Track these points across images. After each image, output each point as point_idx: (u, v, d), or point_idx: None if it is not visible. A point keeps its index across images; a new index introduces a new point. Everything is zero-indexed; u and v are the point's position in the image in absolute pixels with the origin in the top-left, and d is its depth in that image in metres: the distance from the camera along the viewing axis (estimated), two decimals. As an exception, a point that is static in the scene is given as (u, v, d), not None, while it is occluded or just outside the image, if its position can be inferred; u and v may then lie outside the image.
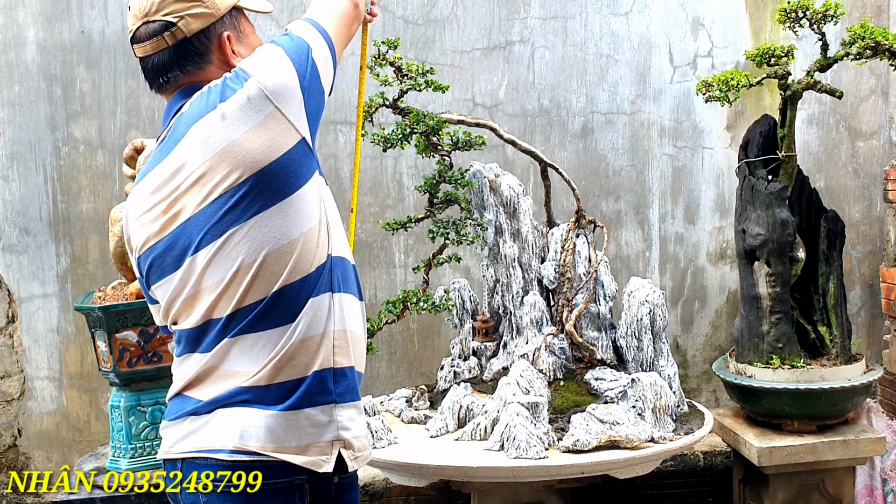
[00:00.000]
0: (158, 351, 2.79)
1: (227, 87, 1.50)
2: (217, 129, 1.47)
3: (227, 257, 1.49)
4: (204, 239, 1.49)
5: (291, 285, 1.52)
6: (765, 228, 3.23)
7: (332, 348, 1.57)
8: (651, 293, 3.16)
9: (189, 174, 1.49)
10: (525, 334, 3.24)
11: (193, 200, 1.49)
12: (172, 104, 1.62)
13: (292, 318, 1.53)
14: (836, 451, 3.17)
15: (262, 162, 1.47)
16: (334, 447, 1.55)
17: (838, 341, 3.28)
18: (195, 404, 1.55)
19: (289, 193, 1.50)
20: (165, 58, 1.59)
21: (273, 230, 1.49)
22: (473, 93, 3.82)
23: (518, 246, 3.29)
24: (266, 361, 1.51)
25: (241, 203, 1.47)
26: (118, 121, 3.70)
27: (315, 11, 1.70)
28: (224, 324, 1.51)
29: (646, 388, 2.98)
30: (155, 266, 1.57)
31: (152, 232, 1.55)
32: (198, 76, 1.61)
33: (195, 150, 1.48)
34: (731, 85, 3.21)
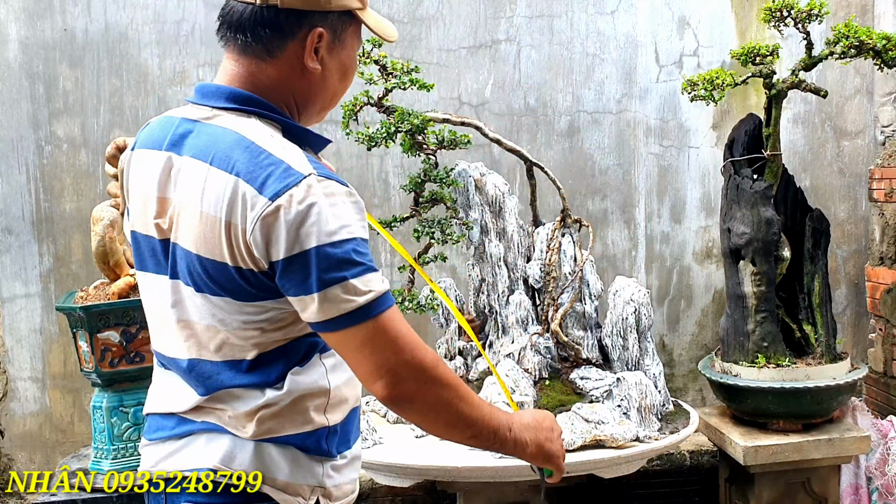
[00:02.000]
0: (141, 351, 2.77)
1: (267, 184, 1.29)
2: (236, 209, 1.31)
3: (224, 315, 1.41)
4: (196, 284, 1.39)
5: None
6: (750, 227, 3.23)
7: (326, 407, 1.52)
8: (636, 292, 3.15)
9: (191, 206, 1.35)
10: (511, 334, 3.23)
11: (189, 235, 1.36)
12: (223, 91, 1.42)
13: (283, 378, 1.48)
14: (821, 449, 3.18)
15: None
16: (314, 493, 1.48)
17: (823, 340, 3.28)
18: (178, 424, 1.48)
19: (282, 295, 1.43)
20: (245, 13, 1.38)
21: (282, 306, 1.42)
22: (460, 91, 3.81)
23: (504, 245, 3.28)
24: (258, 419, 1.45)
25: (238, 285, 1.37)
26: (101, 119, 3.67)
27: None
28: (224, 367, 1.45)
29: (631, 388, 2.97)
30: (136, 250, 1.49)
31: (146, 219, 1.44)
32: (261, 66, 1.41)
33: (205, 191, 1.33)
34: (717, 84, 3.21)
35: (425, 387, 1.36)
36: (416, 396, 1.36)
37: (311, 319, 1.33)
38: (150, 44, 3.67)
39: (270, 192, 1.27)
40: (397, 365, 1.33)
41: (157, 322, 1.49)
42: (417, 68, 3.13)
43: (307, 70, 1.41)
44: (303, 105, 1.47)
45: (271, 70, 1.41)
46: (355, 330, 1.31)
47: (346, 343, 1.33)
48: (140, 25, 3.65)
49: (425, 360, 1.35)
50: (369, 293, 1.30)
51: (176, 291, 1.41)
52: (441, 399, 1.38)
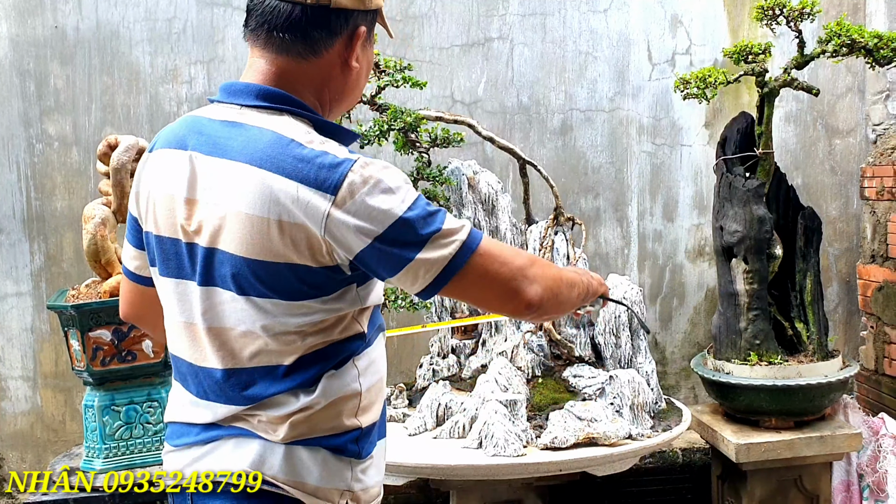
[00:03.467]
0: (133, 350, 2.76)
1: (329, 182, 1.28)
2: (284, 204, 1.29)
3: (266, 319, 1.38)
4: (239, 288, 1.35)
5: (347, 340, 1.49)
6: (742, 225, 3.24)
7: (358, 409, 1.52)
8: (629, 290, 3.15)
9: (230, 207, 1.32)
10: (504, 332, 3.23)
11: (229, 238, 1.32)
12: (251, 89, 1.40)
13: (318, 384, 1.47)
14: (813, 447, 3.18)
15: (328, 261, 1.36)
16: (343, 497, 1.47)
17: (815, 338, 3.29)
18: (203, 430, 1.46)
19: (342, 286, 1.42)
20: (295, 13, 1.36)
21: (328, 308, 1.42)
22: (452, 89, 3.81)
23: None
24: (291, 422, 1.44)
25: (289, 284, 1.35)
26: (93, 117, 3.65)
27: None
28: (260, 374, 1.41)
29: (623, 385, 2.98)
30: (159, 255, 1.45)
31: (171, 220, 1.40)
32: (299, 66, 1.39)
33: (245, 192, 1.30)
34: (709, 82, 3.21)
35: (543, 278, 1.38)
36: (545, 289, 1.38)
37: (425, 283, 1.32)
38: (141, 41, 3.66)
39: (329, 186, 1.27)
40: (518, 273, 1.34)
41: (179, 329, 1.45)
42: (410, 66, 3.13)
43: (348, 68, 1.41)
44: (336, 102, 1.47)
45: (311, 68, 1.39)
46: (468, 267, 1.31)
47: (467, 285, 1.33)
48: (131, 23, 3.64)
49: (525, 256, 1.39)
50: (461, 228, 1.32)
51: (207, 298, 1.38)
52: (554, 278, 1.43)
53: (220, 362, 1.40)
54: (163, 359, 2.80)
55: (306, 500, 1.42)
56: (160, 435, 2.79)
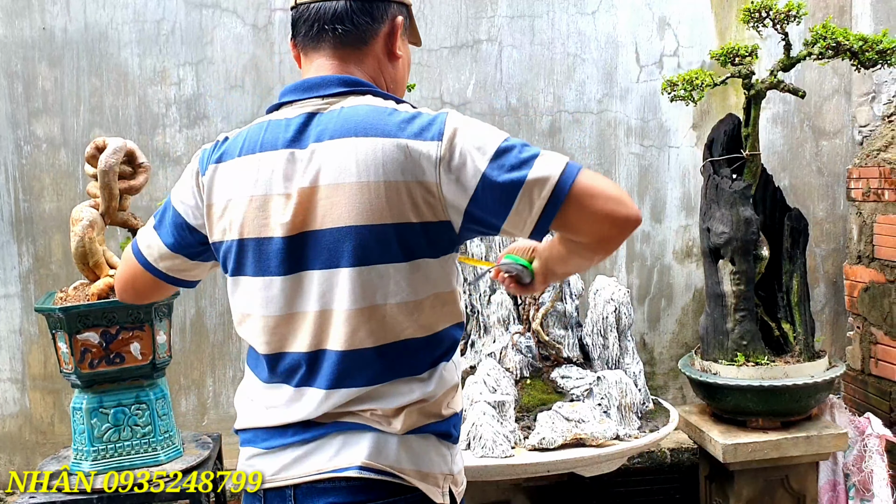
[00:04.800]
0: (121, 352, 2.75)
1: (432, 129, 1.36)
2: (397, 161, 1.35)
3: (387, 287, 1.39)
4: (359, 259, 1.37)
5: (450, 328, 1.49)
6: (729, 227, 3.25)
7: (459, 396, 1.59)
8: (616, 291, 3.17)
9: (341, 182, 1.36)
10: (492, 333, 3.24)
11: (345, 211, 1.36)
12: (322, 83, 1.46)
13: (448, 356, 1.52)
14: (799, 447, 3.20)
15: (425, 218, 1.38)
16: (447, 481, 1.52)
17: (802, 338, 3.31)
18: (305, 432, 1.46)
19: (445, 251, 1.43)
20: (338, 7, 1.45)
21: (438, 276, 1.43)
22: (441, 91, 3.82)
23: (485, 245, 3.28)
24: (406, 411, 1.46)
25: (407, 244, 1.38)
26: (81, 119, 3.65)
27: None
28: (375, 355, 1.42)
29: (611, 386, 2.99)
30: (251, 257, 1.46)
31: (264, 221, 1.43)
32: (356, 54, 1.48)
33: (363, 164, 1.35)
34: (696, 84, 3.23)
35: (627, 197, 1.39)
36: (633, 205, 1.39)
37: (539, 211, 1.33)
38: (130, 43, 3.65)
39: (436, 134, 1.35)
40: (619, 193, 1.35)
41: (280, 322, 1.45)
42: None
43: (394, 56, 1.52)
44: (393, 93, 1.54)
45: (364, 57, 1.49)
46: (579, 183, 1.32)
47: (575, 211, 1.32)
48: (120, 25, 3.63)
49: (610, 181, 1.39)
50: (561, 158, 1.35)
51: (309, 283, 1.41)
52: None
53: (340, 344, 1.41)
54: (151, 361, 2.79)
55: (420, 485, 1.46)
56: (148, 437, 2.78)
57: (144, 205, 3.57)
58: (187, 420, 3.78)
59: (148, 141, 3.68)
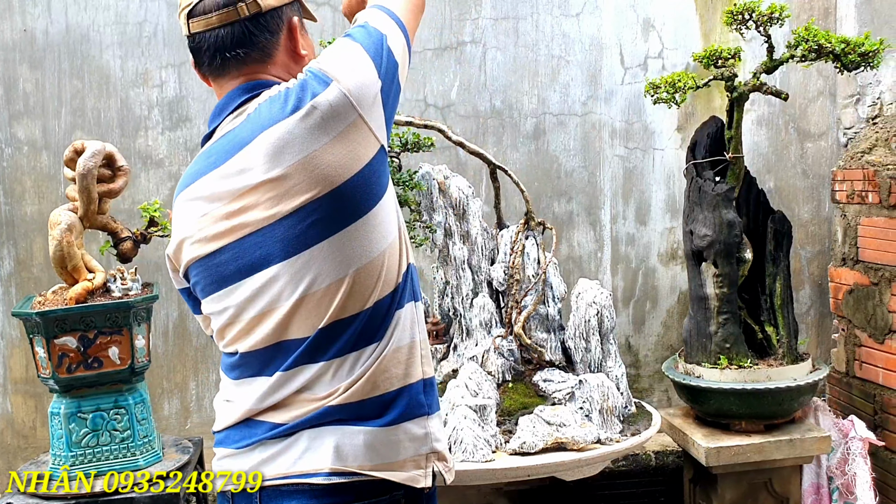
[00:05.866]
0: (99, 356, 2.73)
1: (307, 91, 1.37)
2: (295, 139, 1.35)
3: (311, 273, 1.39)
4: (283, 253, 1.38)
5: (383, 300, 1.45)
6: (712, 230, 3.25)
7: (419, 358, 1.51)
8: (599, 295, 3.16)
9: (259, 183, 1.37)
10: (475, 336, 3.23)
11: (266, 211, 1.37)
12: (230, 99, 1.50)
13: (384, 331, 1.46)
14: (782, 450, 3.20)
15: (343, 176, 1.36)
16: (430, 460, 1.50)
17: (785, 341, 3.31)
18: (271, 428, 1.46)
19: (372, 206, 1.41)
20: (235, 32, 1.46)
21: (360, 245, 1.40)
22: (425, 93, 3.81)
23: (467, 248, 3.27)
24: (359, 376, 1.43)
25: (323, 218, 1.36)
26: (63, 122, 3.63)
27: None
28: (310, 345, 1.42)
29: (593, 390, 2.98)
30: (212, 276, 1.47)
31: (209, 235, 1.45)
32: (263, 66, 1.50)
33: (268, 157, 1.36)
34: (678, 87, 3.22)
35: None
36: None
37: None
38: (111, 45, 3.63)
39: (324, 77, 1.41)
40: None
41: (249, 324, 1.47)
42: (380, 71, 3.12)
43: (299, 57, 1.54)
44: None
45: (274, 67, 1.51)
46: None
47: None
48: (102, 27, 3.61)
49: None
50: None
51: (294, 266, 1.40)
52: None
53: (305, 330, 1.42)
54: (129, 365, 2.77)
55: (395, 476, 1.45)
56: (127, 442, 2.77)
57: (126, 208, 3.55)
58: (170, 424, 3.77)
59: (130, 143, 3.66)
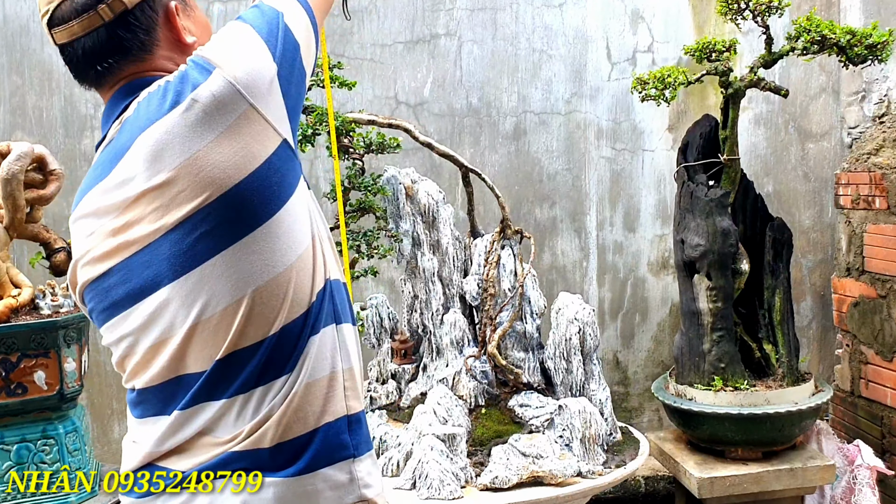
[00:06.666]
0: (23, 382, 2.50)
1: (187, 83, 1.19)
2: (175, 138, 1.17)
3: (203, 296, 1.20)
4: (171, 272, 1.20)
5: (292, 324, 1.23)
6: (705, 238, 2.98)
7: (342, 391, 1.29)
8: (581, 310, 2.89)
9: (141, 193, 1.19)
10: (445, 356, 2.96)
11: (151, 224, 1.19)
12: (114, 104, 1.31)
13: (295, 362, 1.24)
14: (782, 480, 2.95)
15: (234, 178, 1.16)
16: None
17: (785, 360, 3.04)
18: (172, 479, 1.28)
19: (273, 212, 1.20)
20: (102, 39, 1.25)
21: (260, 259, 1.19)
22: (396, 90, 3.52)
23: (438, 259, 3.00)
24: (266, 416, 1.23)
25: (214, 229, 1.18)
26: (1, 121, 3.35)
27: None
28: (208, 380, 1.23)
29: (574, 416, 2.72)
30: (103, 301, 1.28)
31: (97, 256, 1.26)
32: (145, 64, 1.31)
33: (148, 163, 1.18)
34: (668, 82, 2.96)
35: None
36: None
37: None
38: (54, 38, 3.34)
39: (207, 65, 1.23)
40: None
41: (146, 356, 1.27)
42: (340, 64, 2.85)
43: (185, 45, 1.34)
44: None
45: (158, 61, 1.32)
46: None
47: None
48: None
49: None
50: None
51: (184, 287, 1.21)
52: None
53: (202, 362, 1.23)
54: (58, 391, 2.54)
55: None
56: (57, 476, 2.54)
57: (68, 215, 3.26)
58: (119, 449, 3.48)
59: (75, 144, 3.38)
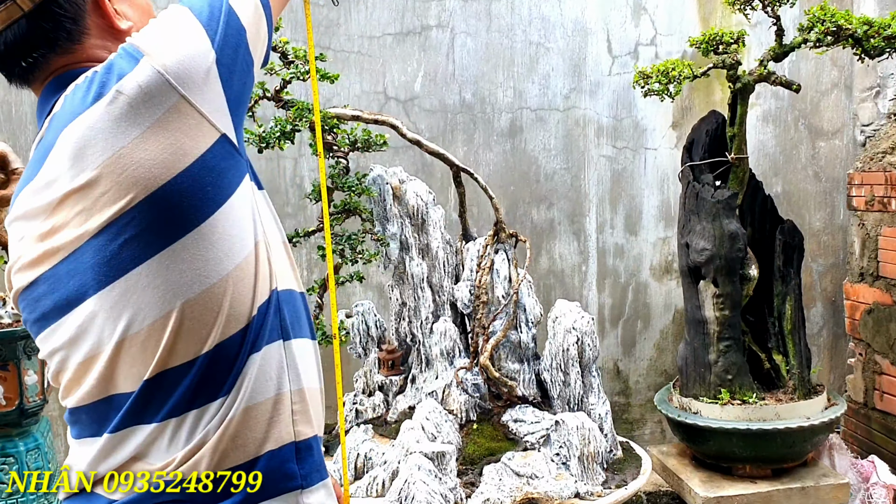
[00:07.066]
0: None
1: (113, 74, 1.07)
2: (98, 133, 1.05)
3: (129, 308, 1.09)
4: (96, 283, 1.09)
5: (228, 341, 1.10)
6: (711, 242, 2.80)
7: (289, 415, 1.16)
8: (579, 319, 2.71)
9: (65, 195, 1.08)
10: (435, 367, 2.79)
11: (76, 230, 1.08)
12: (45, 100, 1.19)
13: (233, 383, 1.12)
14: (793, 499, 2.79)
15: (162, 177, 1.05)
16: None
17: (796, 372, 2.87)
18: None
19: (207, 215, 1.08)
20: (24, 31, 1.15)
21: (190, 268, 1.07)
22: (385, 84, 3.34)
23: (427, 263, 2.83)
24: (200, 443, 1.12)
25: (140, 235, 1.05)
26: (-32, 116, 3.18)
27: None
28: (137, 401, 1.13)
29: (572, 433, 2.55)
30: (34, 312, 1.17)
31: (25, 263, 1.17)
32: (74, 55, 1.18)
33: (71, 162, 1.07)
34: (672, 76, 2.78)
35: None
36: None
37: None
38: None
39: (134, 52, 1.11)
40: None
41: (76, 373, 1.17)
42: (323, 56, 2.67)
43: (118, 31, 1.21)
44: None
45: (90, 50, 1.20)
46: None
47: None
48: (12, 7, 3.15)
49: None
50: None
51: (109, 296, 1.10)
52: None
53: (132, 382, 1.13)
54: (17, 406, 2.41)
55: None
56: (16, 497, 2.38)
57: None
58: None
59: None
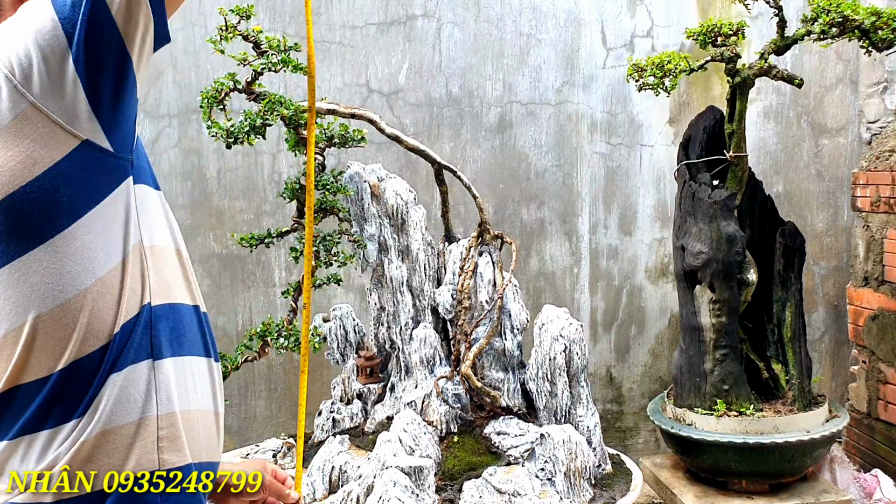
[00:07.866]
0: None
1: None
2: None
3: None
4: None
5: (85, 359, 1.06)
6: (708, 245, 2.66)
7: (155, 442, 1.13)
8: (567, 326, 2.57)
9: None
10: (415, 375, 2.65)
11: None
12: None
13: (89, 404, 1.09)
14: (792, 517, 2.62)
15: (8, 187, 1.00)
16: None
17: (796, 381, 2.73)
18: None
19: (61, 227, 1.03)
20: None
21: (42, 281, 1.04)
22: (368, 77, 3.19)
23: (407, 266, 2.68)
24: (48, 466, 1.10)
25: None
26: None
27: None
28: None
29: (558, 447, 2.41)
30: None
31: None
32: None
33: None
34: (668, 70, 2.64)
35: None
36: None
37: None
38: None
39: None
40: None
41: None
42: (297, 46, 2.51)
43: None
44: None
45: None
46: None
47: None
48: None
49: None
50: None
51: None
52: None
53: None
54: None
55: None
56: None
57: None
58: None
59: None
